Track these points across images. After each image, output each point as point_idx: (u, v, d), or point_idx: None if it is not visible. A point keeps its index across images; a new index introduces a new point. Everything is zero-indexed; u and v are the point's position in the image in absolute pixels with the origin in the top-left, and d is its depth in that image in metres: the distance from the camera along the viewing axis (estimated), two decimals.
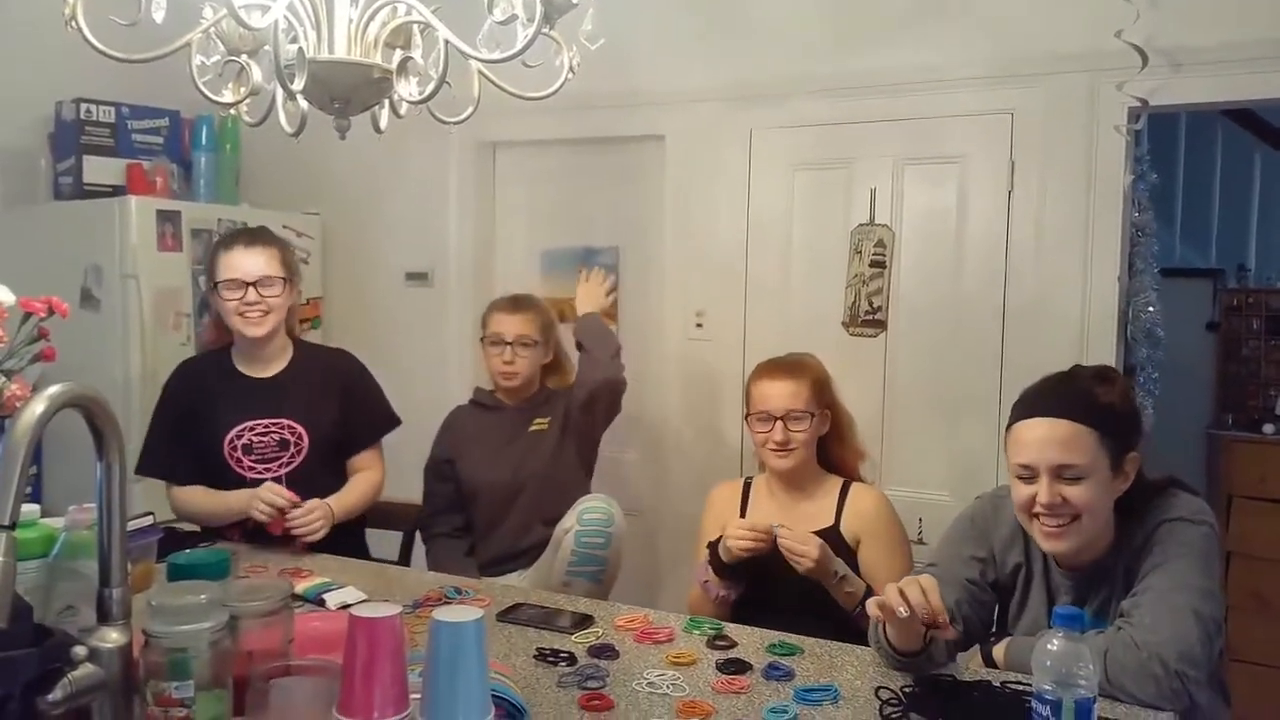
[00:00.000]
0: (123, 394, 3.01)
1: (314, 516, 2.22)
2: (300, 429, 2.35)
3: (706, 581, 2.14)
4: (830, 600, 2.05)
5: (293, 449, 2.34)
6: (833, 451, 2.29)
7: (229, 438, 2.31)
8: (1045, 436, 1.59)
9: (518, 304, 2.63)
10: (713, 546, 2.14)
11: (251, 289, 2.28)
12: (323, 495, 2.29)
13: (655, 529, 3.27)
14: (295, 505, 2.22)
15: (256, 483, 2.29)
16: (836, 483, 2.26)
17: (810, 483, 2.25)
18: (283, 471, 2.33)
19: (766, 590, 2.11)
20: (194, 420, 2.34)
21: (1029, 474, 1.61)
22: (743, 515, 2.28)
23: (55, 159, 3.31)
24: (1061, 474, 1.57)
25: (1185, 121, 4.49)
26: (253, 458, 2.32)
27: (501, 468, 2.55)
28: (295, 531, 2.21)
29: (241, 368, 2.39)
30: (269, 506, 2.19)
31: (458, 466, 2.60)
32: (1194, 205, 4.58)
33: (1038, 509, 1.60)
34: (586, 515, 2.33)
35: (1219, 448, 3.98)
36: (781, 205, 3.15)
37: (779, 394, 2.20)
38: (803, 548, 2.00)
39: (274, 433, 2.34)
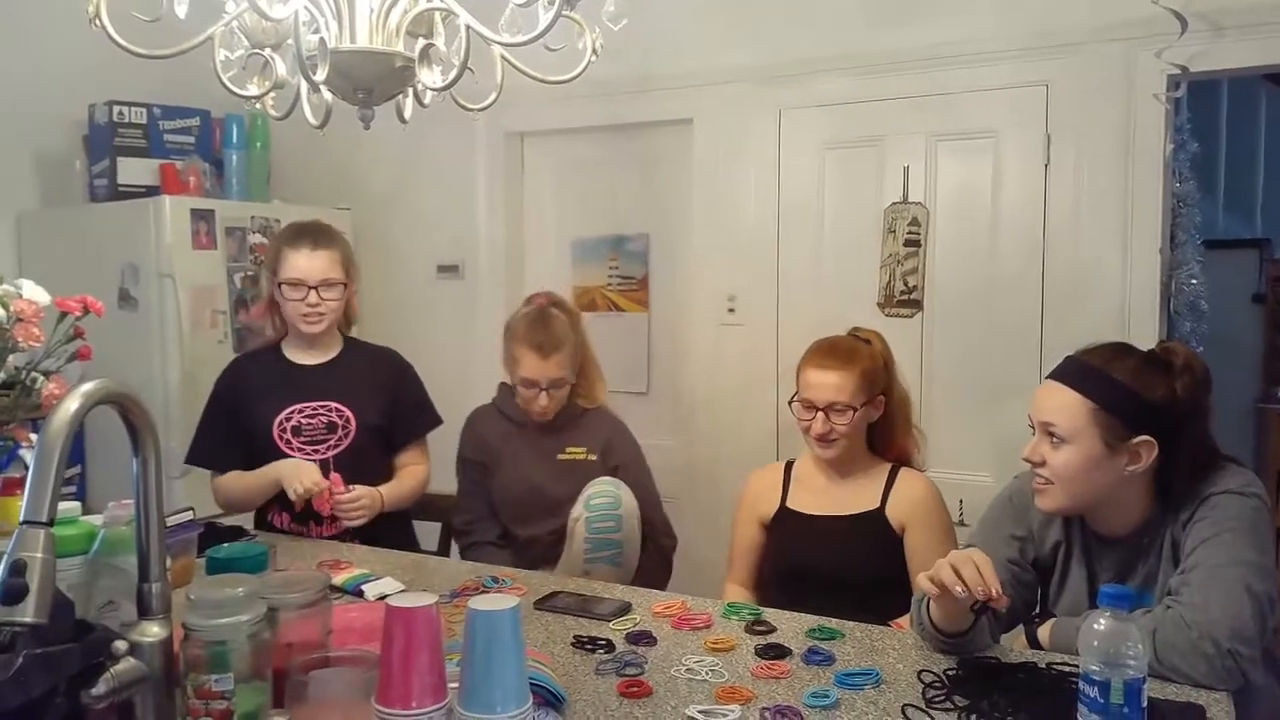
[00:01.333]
0: (162, 390, 3.06)
1: (361, 504, 2.29)
2: (348, 412, 2.41)
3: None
4: (870, 589, 2.03)
5: (340, 432, 2.39)
6: (883, 435, 2.24)
7: (278, 420, 2.36)
8: (1042, 395, 1.66)
9: (548, 343, 2.40)
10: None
11: (313, 292, 2.35)
12: (368, 480, 2.34)
13: (688, 516, 3.25)
14: (332, 492, 2.26)
15: None
16: (884, 467, 2.22)
17: (856, 466, 2.21)
18: (330, 454, 2.38)
19: (808, 578, 2.09)
20: (245, 411, 2.40)
21: (1031, 428, 1.67)
22: (784, 499, 2.25)
23: (90, 161, 3.35)
24: (1048, 433, 1.62)
25: (1227, 87, 4.39)
26: (301, 439, 2.37)
27: (533, 490, 2.48)
28: (339, 515, 2.28)
29: (292, 356, 2.46)
30: (303, 488, 2.21)
31: (485, 478, 2.58)
32: (1237, 174, 4.49)
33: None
34: (594, 501, 2.29)
35: (1267, 422, 3.90)
36: (812, 186, 3.11)
37: (823, 384, 2.13)
38: None
39: (321, 415, 2.39)
